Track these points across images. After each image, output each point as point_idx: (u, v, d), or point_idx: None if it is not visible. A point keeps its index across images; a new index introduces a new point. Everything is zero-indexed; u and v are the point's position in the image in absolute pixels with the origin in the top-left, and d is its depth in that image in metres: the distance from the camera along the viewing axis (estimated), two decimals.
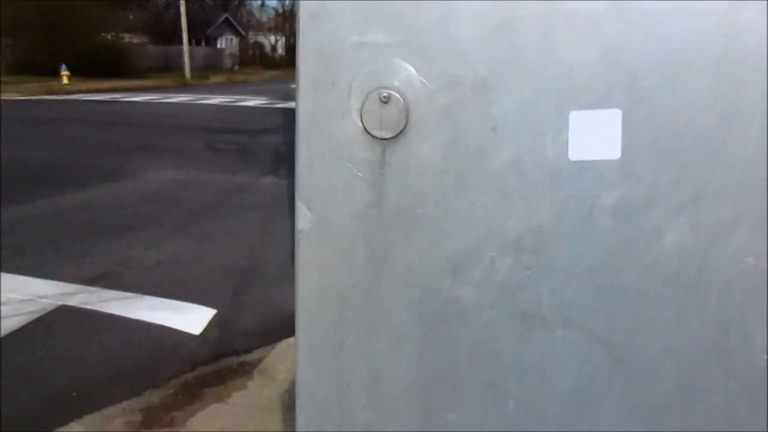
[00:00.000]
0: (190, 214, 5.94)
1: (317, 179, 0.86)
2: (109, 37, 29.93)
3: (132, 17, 34.92)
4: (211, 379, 3.08)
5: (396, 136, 0.84)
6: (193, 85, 28.34)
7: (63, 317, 3.58)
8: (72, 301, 3.78)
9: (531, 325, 0.84)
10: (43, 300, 3.76)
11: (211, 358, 3.26)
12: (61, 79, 22.30)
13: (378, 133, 0.84)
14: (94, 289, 4.01)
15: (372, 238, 0.87)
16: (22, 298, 3.76)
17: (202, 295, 3.98)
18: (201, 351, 3.32)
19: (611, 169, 0.79)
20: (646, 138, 0.78)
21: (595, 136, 0.78)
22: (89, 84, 22.84)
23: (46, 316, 3.57)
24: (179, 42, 33.32)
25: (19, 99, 17.35)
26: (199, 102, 18.77)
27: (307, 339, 0.90)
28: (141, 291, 4.00)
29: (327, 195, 0.87)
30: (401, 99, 0.82)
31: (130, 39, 33.04)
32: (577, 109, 0.77)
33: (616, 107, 0.77)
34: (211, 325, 3.60)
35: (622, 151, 0.78)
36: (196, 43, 41.24)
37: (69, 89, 21.04)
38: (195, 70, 33.22)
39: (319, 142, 0.85)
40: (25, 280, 4.05)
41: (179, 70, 32.43)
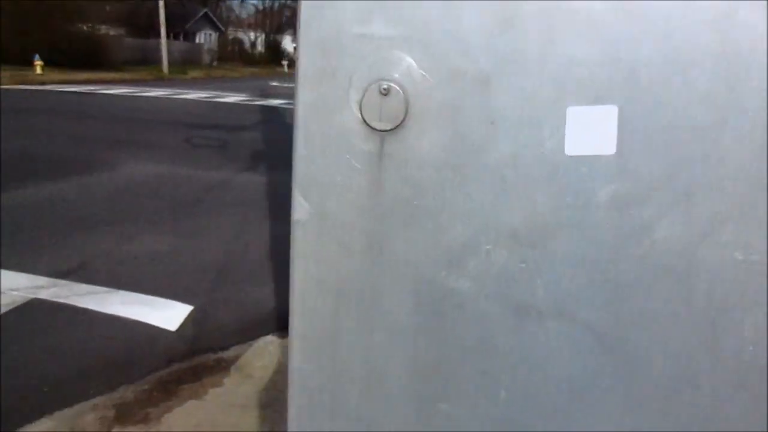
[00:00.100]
0: (168, 209, 5.87)
1: (315, 170, 0.86)
2: (84, 28, 29.34)
3: (109, 8, 34.29)
4: (187, 376, 3.04)
5: (395, 128, 0.84)
6: (170, 80, 27.96)
7: (35, 311, 3.50)
8: (44, 295, 3.70)
9: (525, 317, 0.85)
10: (14, 293, 3.68)
11: (188, 355, 3.22)
12: (35, 69, 21.82)
13: (377, 125, 0.84)
14: (67, 282, 3.93)
15: (369, 229, 0.87)
16: None
17: (179, 291, 3.93)
18: (177, 347, 3.28)
19: (607, 164, 0.81)
20: (642, 134, 0.80)
21: (592, 131, 0.80)
22: (63, 75, 22.36)
23: (17, 309, 3.49)
24: (157, 35, 32.87)
25: None
26: (176, 97, 18.52)
27: (301, 329, 0.90)
28: (116, 286, 3.93)
29: (325, 186, 0.87)
30: (401, 91, 0.83)
31: (106, 30, 32.45)
32: (575, 104, 0.79)
33: (614, 103, 0.79)
34: (188, 322, 3.56)
35: (618, 147, 0.80)
36: (174, 37, 40.74)
37: (42, 80, 20.57)
38: (173, 64, 32.78)
39: (318, 132, 0.85)
40: None
41: (156, 63, 31.97)
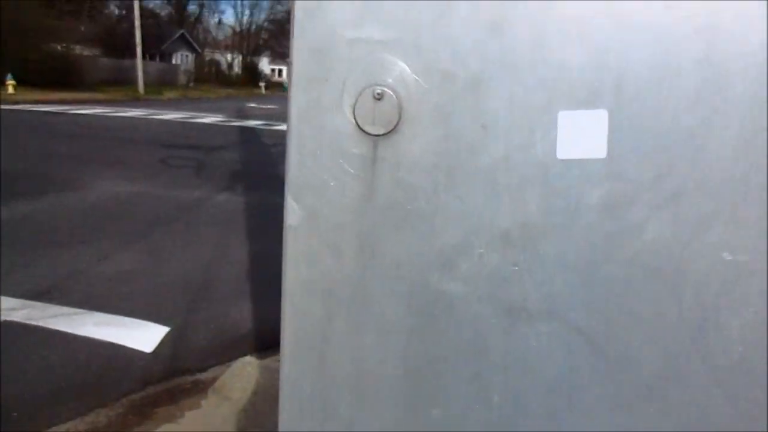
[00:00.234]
0: (143, 228, 5.78)
1: (308, 174, 0.86)
2: (59, 47, 29.06)
3: (83, 29, 34.08)
4: (163, 399, 2.97)
5: (388, 132, 0.85)
6: (146, 100, 27.78)
7: (5, 333, 3.40)
8: (15, 317, 3.60)
9: (516, 319, 0.86)
10: None
11: (164, 377, 3.15)
12: (7, 89, 21.52)
13: (371, 129, 0.85)
14: (39, 304, 3.83)
15: (362, 233, 0.87)
16: None
17: (155, 311, 3.86)
18: (153, 369, 3.20)
19: (597, 168, 0.82)
20: (631, 137, 0.81)
21: (583, 135, 0.81)
22: (37, 94, 22.07)
23: None
24: (132, 56, 32.70)
25: None
26: (152, 117, 18.38)
27: (292, 334, 0.89)
28: (90, 307, 3.84)
29: (317, 190, 0.87)
30: (394, 96, 0.83)
31: (81, 51, 32.18)
32: (565, 108, 0.81)
33: (603, 107, 0.81)
34: (164, 343, 3.48)
35: (608, 150, 0.82)
36: (150, 58, 40.58)
37: (15, 99, 20.27)
38: (149, 85, 32.61)
39: (311, 137, 0.86)
40: None
41: (132, 84, 31.74)
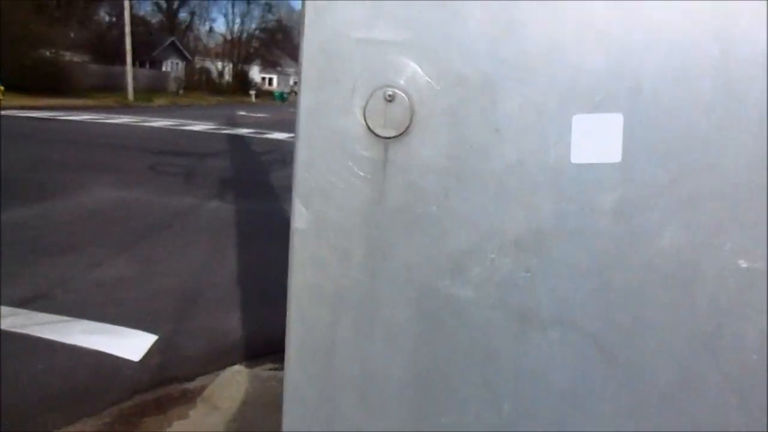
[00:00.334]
0: (132, 236, 5.71)
1: (316, 177, 0.85)
2: (48, 53, 28.86)
3: (73, 35, 33.91)
4: (151, 408, 2.92)
5: (400, 135, 0.83)
6: (136, 107, 27.64)
7: None
8: (3, 325, 3.53)
9: (528, 325, 0.84)
10: None
11: (152, 386, 3.10)
12: None
13: (381, 132, 0.83)
14: (26, 311, 3.76)
15: (371, 236, 0.86)
16: None
17: (143, 319, 3.80)
18: (141, 378, 3.15)
19: (611, 172, 0.81)
20: (646, 142, 0.81)
21: (597, 139, 0.80)
22: (25, 100, 21.89)
23: None
24: (122, 62, 32.55)
25: None
26: (142, 124, 18.27)
27: (298, 339, 0.87)
28: (77, 314, 3.78)
29: (326, 193, 0.85)
30: (406, 98, 0.82)
31: (71, 57, 31.98)
32: (580, 112, 0.80)
33: (618, 111, 0.80)
34: (152, 351, 3.43)
35: (623, 155, 0.81)
36: (140, 65, 40.42)
37: (3, 104, 20.08)
38: (138, 91, 32.45)
39: (320, 139, 0.84)
40: None
41: (122, 90, 31.58)
